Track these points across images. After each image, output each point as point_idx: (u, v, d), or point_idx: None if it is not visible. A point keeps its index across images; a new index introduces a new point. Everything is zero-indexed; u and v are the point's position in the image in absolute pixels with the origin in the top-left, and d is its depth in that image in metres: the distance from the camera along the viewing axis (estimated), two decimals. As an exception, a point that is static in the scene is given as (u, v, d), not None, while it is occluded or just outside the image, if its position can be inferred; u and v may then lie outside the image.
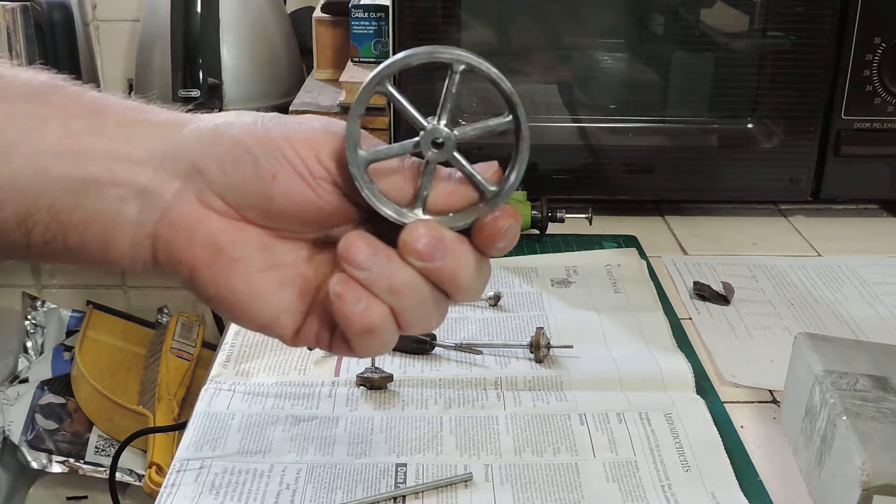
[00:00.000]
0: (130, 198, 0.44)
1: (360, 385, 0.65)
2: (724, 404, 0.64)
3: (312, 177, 0.42)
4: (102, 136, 0.44)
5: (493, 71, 0.42)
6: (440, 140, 0.42)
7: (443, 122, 0.42)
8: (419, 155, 0.43)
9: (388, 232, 0.43)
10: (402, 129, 0.93)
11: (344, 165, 0.42)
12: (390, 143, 0.44)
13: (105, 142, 0.43)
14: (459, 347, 0.69)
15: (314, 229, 0.45)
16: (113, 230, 0.44)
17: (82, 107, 0.44)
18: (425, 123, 0.42)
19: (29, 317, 1.74)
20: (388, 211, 0.42)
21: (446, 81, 0.42)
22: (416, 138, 0.42)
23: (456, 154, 0.42)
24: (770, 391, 0.67)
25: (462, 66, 0.42)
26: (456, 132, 0.42)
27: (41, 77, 0.45)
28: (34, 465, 1.54)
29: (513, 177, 0.43)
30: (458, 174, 0.43)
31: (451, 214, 0.43)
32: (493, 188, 0.43)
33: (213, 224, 0.44)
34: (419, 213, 0.43)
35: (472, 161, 0.43)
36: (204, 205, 0.43)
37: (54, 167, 0.43)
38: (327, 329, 0.45)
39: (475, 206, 0.43)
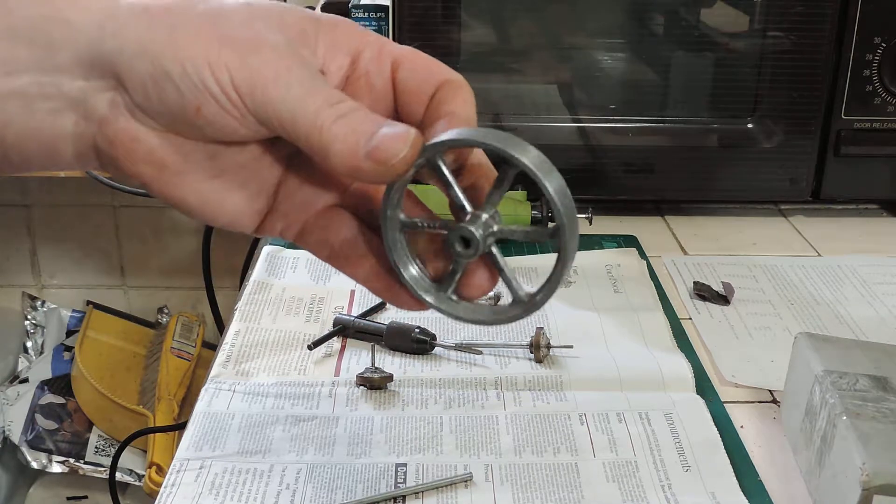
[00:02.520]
0: (64, 110, 0.41)
1: (360, 385, 0.65)
2: (724, 404, 0.64)
3: (235, 109, 0.39)
4: (18, 43, 0.39)
5: (550, 190, 0.39)
6: (480, 237, 0.40)
7: (486, 215, 0.40)
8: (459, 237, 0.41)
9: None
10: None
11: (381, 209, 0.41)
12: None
13: (23, 49, 0.39)
14: (459, 347, 0.69)
15: (253, 143, 0.43)
16: (53, 143, 0.42)
17: None
18: (470, 210, 0.40)
19: (29, 317, 1.74)
20: (424, 297, 0.42)
21: (501, 175, 0.40)
22: (462, 224, 0.40)
23: (495, 250, 0.41)
24: (770, 391, 0.67)
25: (523, 169, 0.39)
26: (495, 227, 0.40)
27: None
28: (34, 465, 1.54)
29: (540, 296, 0.41)
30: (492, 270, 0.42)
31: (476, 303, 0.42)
32: (523, 295, 0.41)
33: (152, 141, 0.41)
34: (451, 294, 0.42)
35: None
36: (138, 120, 0.41)
37: None
38: (293, 224, 0.45)
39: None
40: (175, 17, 0.40)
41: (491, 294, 0.76)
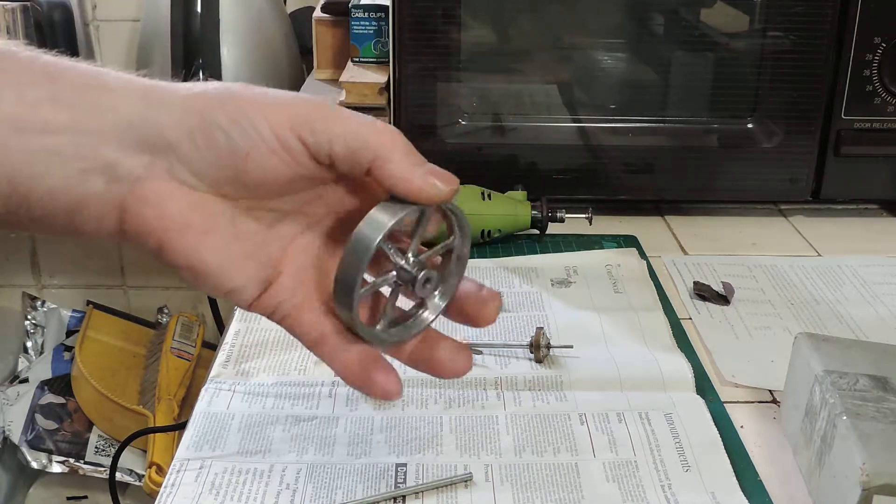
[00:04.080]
0: (95, 172, 0.43)
1: (360, 385, 0.65)
2: (724, 404, 0.65)
3: (287, 151, 0.43)
4: (61, 106, 0.42)
5: (455, 206, 0.48)
6: (423, 274, 0.49)
7: (410, 254, 0.48)
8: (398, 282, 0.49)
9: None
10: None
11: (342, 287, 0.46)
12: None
13: (65, 112, 0.42)
14: (459, 347, 0.69)
15: (288, 195, 0.47)
16: (78, 203, 0.43)
17: (36, 74, 0.43)
18: (401, 262, 0.48)
19: (29, 317, 1.74)
20: (384, 337, 0.50)
21: (419, 222, 0.47)
22: (393, 274, 0.48)
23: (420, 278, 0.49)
24: (770, 391, 0.67)
25: (433, 209, 0.47)
26: (422, 257, 0.49)
27: None
28: (34, 465, 1.54)
29: (446, 297, 0.51)
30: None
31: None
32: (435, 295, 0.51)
33: (184, 199, 0.44)
34: (384, 327, 0.50)
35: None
36: (175, 180, 0.43)
37: (13, 140, 0.42)
38: (282, 308, 0.48)
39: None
40: (219, 92, 0.44)
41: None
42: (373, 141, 0.44)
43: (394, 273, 0.48)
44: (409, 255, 0.48)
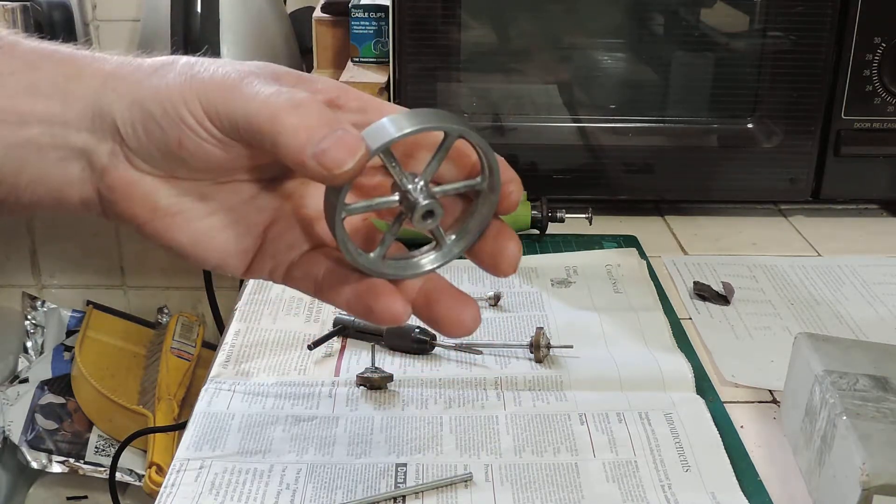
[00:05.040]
0: (71, 159, 0.44)
1: (360, 385, 0.65)
2: (724, 404, 0.65)
3: (211, 135, 0.43)
4: (38, 97, 0.44)
5: (483, 141, 0.43)
6: (424, 205, 0.43)
7: (420, 180, 0.43)
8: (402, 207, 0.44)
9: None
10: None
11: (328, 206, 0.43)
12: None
13: (41, 103, 0.44)
14: (459, 347, 0.69)
15: (242, 175, 0.46)
16: (61, 189, 0.45)
17: (15, 62, 0.44)
18: (409, 185, 0.43)
19: (29, 317, 1.74)
20: (377, 267, 0.45)
21: (439, 146, 0.43)
22: (396, 197, 0.44)
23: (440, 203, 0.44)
24: (770, 391, 0.67)
25: (457, 136, 0.43)
26: (436, 190, 0.44)
27: None
28: (34, 465, 1.54)
29: (465, 241, 0.46)
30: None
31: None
32: (451, 236, 0.47)
33: (147, 185, 0.45)
34: (383, 260, 0.45)
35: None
36: (135, 167, 0.44)
37: None
38: (280, 265, 0.47)
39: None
40: (161, 70, 0.43)
41: (491, 294, 0.76)
42: (264, 119, 0.41)
43: (396, 197, 0.44)
44: (419, 181, 0.43)
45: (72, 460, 1.56)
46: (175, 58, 0.44)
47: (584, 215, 0.88)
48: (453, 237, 0.46)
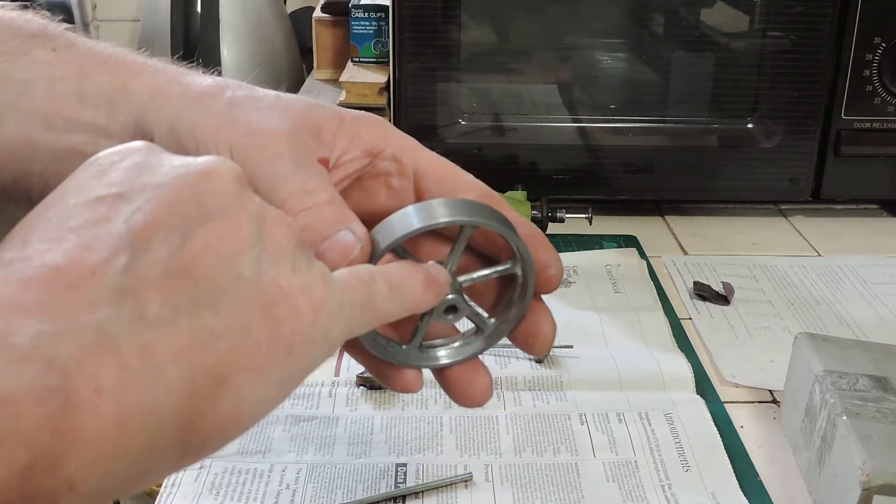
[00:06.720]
0: None
1: (360, 385, 0.65)
2: (724, 404, 0.65)
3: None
4: (85, 105, 0.44)
5: (503, 229, 0.41)
6: (447, 300, 0.42)
7: (449, 271, 0.42)
8: None
9: None
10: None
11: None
12: None
13: (88, 112, 0.44)
14: (459, 347, 0.69)
15: None
16: None
17: (68, 66, 0.44)
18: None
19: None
20: (419, 362, 0.44)
21: (458, 238, 0.42)
22: None
23: (464, 297, 0.43)
24: (770, 391, 0.67)
25: (472, 227, 0.41)
26: (461, 280, 0.42)
27: (32, 25, 0.46)
28: (34, 465, 1.54)
29: (505, 327, 0.45)
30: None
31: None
32: (491, 321, 0.45)
33: None
34: (419, 349, 0.44)
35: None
36: None
37: (41, 136, 0.44)
38: None
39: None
40: (205, 101, 0.43)
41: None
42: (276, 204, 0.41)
43: None
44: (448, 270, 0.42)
45: (72, 460, 1.56)
46: (221, 86, 0.44)
47: (584, 215, 0.88)
48: (493, 321, 0.44)
